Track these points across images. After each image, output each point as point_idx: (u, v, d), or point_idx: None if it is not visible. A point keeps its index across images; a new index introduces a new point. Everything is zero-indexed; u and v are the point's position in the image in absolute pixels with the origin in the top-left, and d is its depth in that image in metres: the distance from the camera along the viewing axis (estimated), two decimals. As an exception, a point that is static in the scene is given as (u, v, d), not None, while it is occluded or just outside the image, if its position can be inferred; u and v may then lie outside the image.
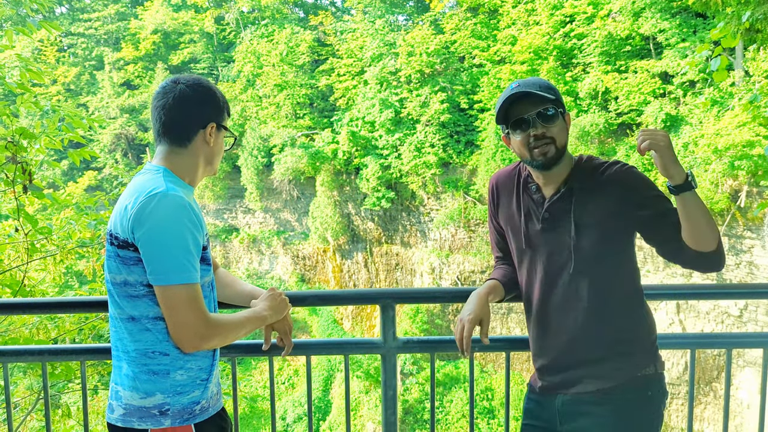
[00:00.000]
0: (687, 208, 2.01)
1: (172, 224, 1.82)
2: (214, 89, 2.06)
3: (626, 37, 23.32)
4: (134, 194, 1.86)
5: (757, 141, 18.29)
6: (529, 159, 2.08)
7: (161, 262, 1.82)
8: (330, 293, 2.37)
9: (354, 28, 31.25)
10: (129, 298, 1.88)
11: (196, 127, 2.00)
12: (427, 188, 27.45)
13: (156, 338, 1.89)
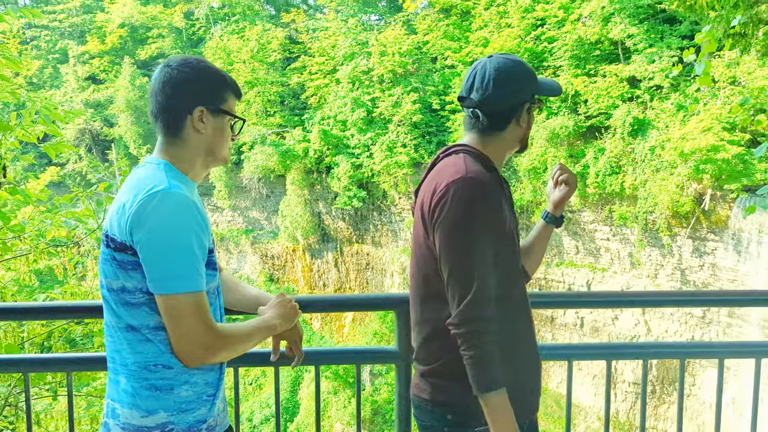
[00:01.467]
0: (546, 237, 2.22)
1: (175, 225, 1.64)
2: (205, 68, 1.82)
3: (596, 42, 23.64)
4: (133, 191, 1.67)
5: (721, 145, 18.71)
6: (524, 141, 2.03)
7: (163, 268, 1.63)
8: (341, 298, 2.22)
9: (326, 26, 31.07)
10: (127, 306, 1.69)
11: (183, 113, 1.78)
12: (399, 188, 27.44)
13: (158, 350, 1.70)
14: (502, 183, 1.97)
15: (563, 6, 24.78)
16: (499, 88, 1.90)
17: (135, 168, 1.83)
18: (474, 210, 1.78)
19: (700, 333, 20.86)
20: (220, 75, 1.84)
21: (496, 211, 1.83)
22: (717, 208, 20.30)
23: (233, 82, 1.87)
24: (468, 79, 2.00)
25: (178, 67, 1.79)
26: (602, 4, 22.29)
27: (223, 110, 1.83)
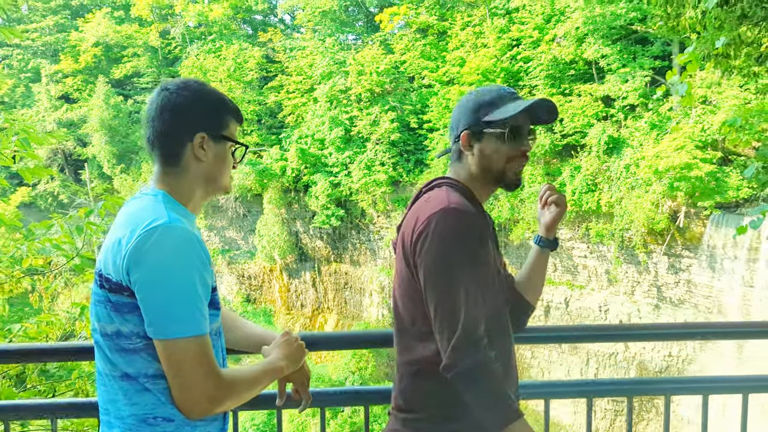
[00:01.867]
0: (544, 262, 2.12)
1: (176, 264, 1.48)
2: (207, 91, 1.69)
3: (570, 62, 24.03)
4: (129, 226, 1.52)
5: (694, 163, 19.05)
6: (501, 174, 1.83)
7: (163, 311, 1.48)
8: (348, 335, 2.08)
9: (303, 45, 31.14)
10: (123, 353, 1.53)
11: (183, 140, 1.65)
12: (377, 206, 27.42)
13: (157, 400, 1.53)
14: (486, 217, 1.88)
15: (538, 26, 25.19)
16: (450, 121, 1.90)
17: (130, 199, 1.69)
18: (457, 242, 1.70)
19: (677, 349, 21.04)
20: (221, 99, 1.72)
21: (479, 243, 1.74)
22: (691, 225, 20.61)
23: (234, 107, 1.76)
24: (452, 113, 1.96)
25: (177, 90, 1.66)
26: (576, 24, 22.69)
27: (224, 136, 1.71)
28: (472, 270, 1.70)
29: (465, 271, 1.68)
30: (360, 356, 25.12)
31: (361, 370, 25.10)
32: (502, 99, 1.83)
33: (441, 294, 1.69)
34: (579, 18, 22.50)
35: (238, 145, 1.76)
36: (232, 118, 1.74)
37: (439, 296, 1.69)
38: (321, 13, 30.52)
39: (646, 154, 20.55)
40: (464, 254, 1.69)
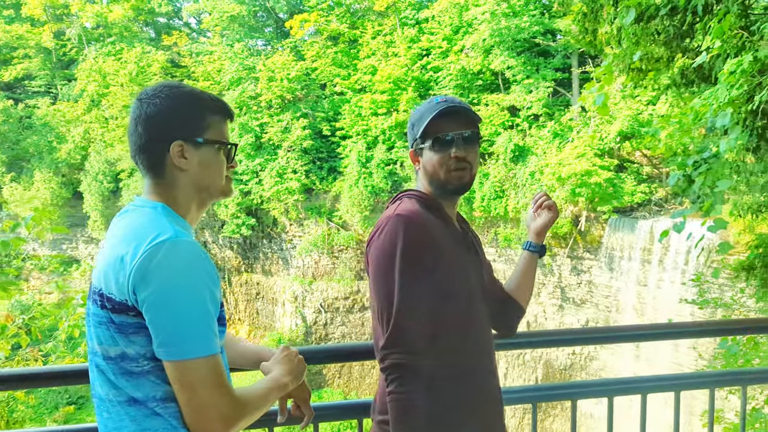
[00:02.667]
0: (533, 267, 2.20)
1: (186, 281, 1.39)
2: (180, 95, 1.57)
3: (478, 72, 24.82)
4: (132, 242, 1.42)
5: (594, 170, 20.16)
6: (442, 181, 1.87)
7: (174, 331, 1.38)
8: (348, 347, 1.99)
9: (211, 50, 30.35)
10: (129, 376, 1.43)
11: (161, 152, 1.55)
12: (290, 214, 27.10)
13: (168, 425, 1.43)
14: (447, 222, 1.91)
15: (447, 37, 25.84)
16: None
17: (122, 213, 1.58)
18: (398, 248, 1.74)
19: (579, 347, 22.03)
20: (196, 99, 1.60)
21: (424, 248, 1.77)
22: (591, 229, 21.77)
23: (219, 104, 1.63)
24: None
25: (148, 99, 1.56)
26: (483, 36, 23.47)
27: (207, 140, 1.59)
28: (411, 275, 1.73)
29: (403, 276, 1.72)
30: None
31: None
32: (429, 111, 1.89)
33: (379, 296, 1.75)
34: (486, 30, 23.29)
35: (224, 145, 1.63)
36: (214, 117, 1.62)
37: (378, 298, 1.75)
38: (229, 18, 29.87)
39: (550, 161, 21.55)
40: (404, 259, 1.73)
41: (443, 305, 1.80)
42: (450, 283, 1.83)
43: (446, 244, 1.85)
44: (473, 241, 2.01)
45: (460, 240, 1.94)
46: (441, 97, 1.92)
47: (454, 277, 1.85)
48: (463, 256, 1.92)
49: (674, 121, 4.26)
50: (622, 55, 4.71)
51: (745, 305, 7.32)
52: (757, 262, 3.81)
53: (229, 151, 1.64)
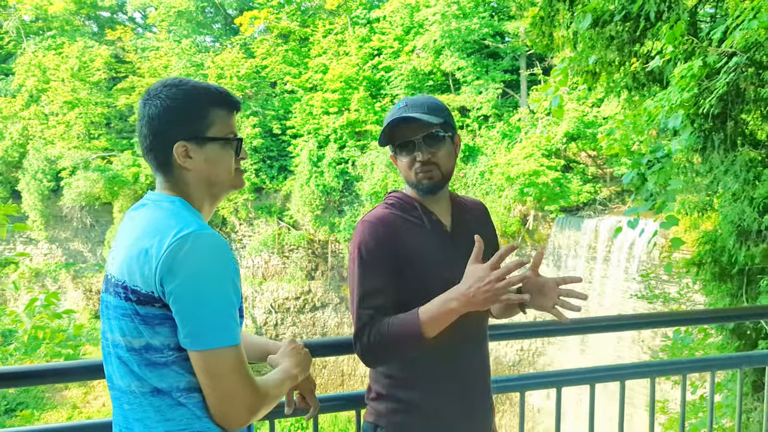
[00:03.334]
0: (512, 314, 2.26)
1: (213, 272, 1.43)
2: (181, 94, 1.56)
3: (429, 73, 25.07)
4: (156, 235, 1.44)
5: (541, 170, 20.67)
6: (414, 182, 1.95)
7: (202, 322, 1.42)
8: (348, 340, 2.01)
9: (157, 46, 29.63)
10: (153, 367, 1.45)
11: (166, 152, 1.56)
12: (240, 214, 26.75)
13: (193, 415, 1.46)
14: (424, 220, 1.98)
15: (398, 38, 25.99)
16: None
17: (137, 207, 1.59)
18: (360, 246, 1.86)
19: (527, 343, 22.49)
20: (199, 96, 1.58)
21: (383, 246, 1.87)
22: (539, 228, 22.30)
23: (220, 95, 1.61)
24: None
25: (150, 100, 1.56)
26: (434, 37, 23.72)
27: (211, 137, 1.58)
28: (370, 271, 1.85)
29: (362, 274, 1.84)
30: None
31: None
32: (388, 118, 1.95)
33: (350, 293, 1.88)
34: (436, 31, 23.55)
35: (229, 141, 1.63)
36: (218, 110, 1.60)
37: (350, 294, 1.89)
38: (176, 13, 29.23)
39: (499, 161, 21.96)
40: (361, 258, 1.85)
41: (410, 298, 1.86)
42: (417, 278, 1.89)
43: (415, 240, 1.92)
44: (467, 233, 2.02)
45: (443, 234, 1.99)
46: (403, 101, 1.97)
47: (426, 269, 1.91)
48: (442, 248, 1.97)
49: (628, 122, 4.44)
50: (577, 58, 4.87)
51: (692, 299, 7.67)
52: (706, 258, 4.02)
53: (237, 144, 1.64)
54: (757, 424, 4.02)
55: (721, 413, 4.53)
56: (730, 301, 4.05)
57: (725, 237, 4.16)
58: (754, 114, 4.23)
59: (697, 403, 5.96)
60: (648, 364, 2.44)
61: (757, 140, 4.37)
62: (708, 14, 4.63)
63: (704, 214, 5.20)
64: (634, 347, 18.49)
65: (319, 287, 26.31)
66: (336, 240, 25.68)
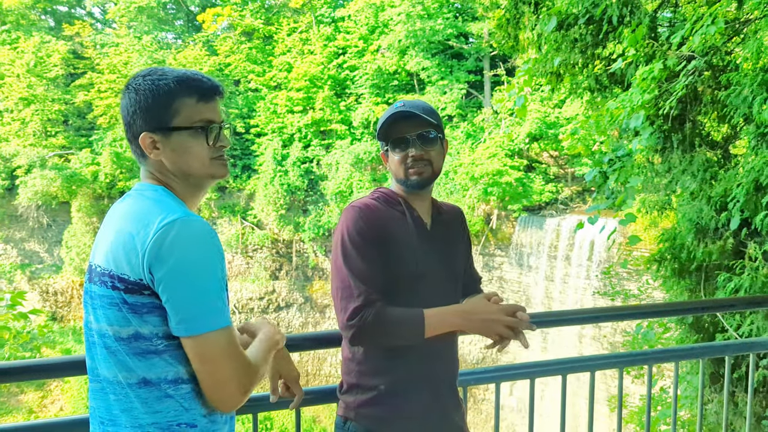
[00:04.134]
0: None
1: (201, 256, 1.43)
2: (148, 83, 1.53)
3: (394, 72, 25.16)
4: (141, 222, 1.43)
5: (504, 170, 20.95)
6: (403, 178, 2.03)
7: (193, 307, 1.42)
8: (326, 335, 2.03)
9: (117, 42, 29.00)
10: (142, 356, 1.44)
11: (137, 142, 1.55)
12: (203, 213, 26.40)
13: (180, 407, 1.46)
14: (406, 215, 2.05)
15: (363, 37, 26.01)
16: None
17: (123, 198, 1.57)
18: (348, 232, 1.91)
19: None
20: (165, 85, 1.54)
21: (369, 230, 1.93)
22: (502, 227, 22.59)
23: (191, 84, 1.56)
24: None
25: (124, 91, 1.56)
26: (399, 37, 23.81)
27: (175, 127, 1.54)
28: (361, 253, 1.90)
29: (357, 253, 1.89)
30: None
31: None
32: (385, 115, 2.04)
33: (337, 275, 1.91)
34: (401, 31, 23.65)
35: (196, 129, 1.56)
36: (185, 99, 1.55)
37: (335, 277, 1.92)
38: (137, 9, 28.69)
39: (463, 161, 22.17)
40: (354, 241, 1.90)
41: (398, 288, 1.94)
42: (402, 267, 1.96)
43: (397, 231, 1.99)
44: (445, 234, 2.12)
45: (422, 231, 2.06)
46: (400, 102, 2.05)
47: (407, 262, 1.98)
48: (420, 244, 2.02)
49: (591, 122, 4.56)
50: (542, 60, 4.97)
51: (652, 296, 7.88)
52: (665, 255, 4.15)
53: (207, 131, 1.58)
54: (714, 415, 4.17)
55: (679, 405, 4.68)
56: (689, 297, 4.19)
57: (684, 235, 4.31)
58: (711, 116, 4.38)
59: (655, 396, 6.14)
60: (616, 355, 2.53)
61: (713, 141, 4.53)
62: (666, 18, 4.78)
63: (663, 212, 5.36)
64: (594, 344, 18.89)
65: (284, 287, 26.16)
66: (300, 239, 25.56)
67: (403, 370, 1.97)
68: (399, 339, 1.91)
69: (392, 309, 1.88)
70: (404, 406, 1.97)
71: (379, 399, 1.95)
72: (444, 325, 1.91)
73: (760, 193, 3.59)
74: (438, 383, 2.04)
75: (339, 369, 25.74)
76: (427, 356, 2.01)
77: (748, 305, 2.90)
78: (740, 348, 2.83)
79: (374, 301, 1.86)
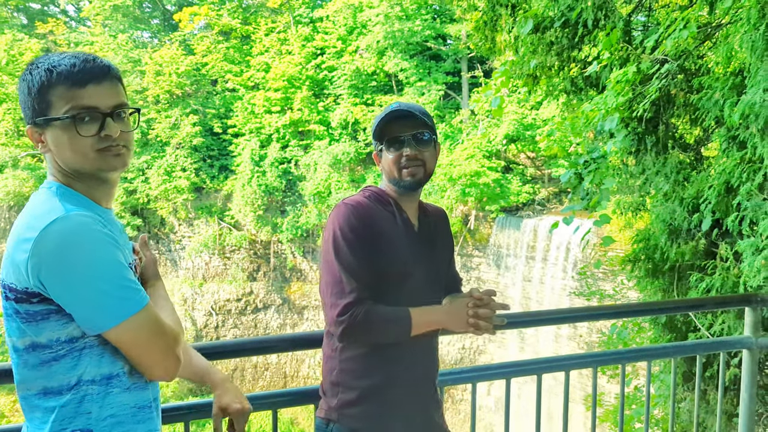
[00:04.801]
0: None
1: (85, 251, 1.33)
2: (27, 74, 1.43)
3: (372, 73, 25.16)
4: (26, 226, 1.35)
5: (482, 171, 21.06)
6: (397, 179, 2.04)
7: (94, 303, 1.34)
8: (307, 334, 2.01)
9: (92, 41, 28.61)
10: (42, 366, 1.37)
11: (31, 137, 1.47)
12: (179, 214, 26.14)
13: (75, 412, 1.39)
14: (396, 215, 2.06)
15: (341, 37, 25.97)
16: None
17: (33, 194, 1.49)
18: (339, 224, 1.92)
19: (469, 341, 22.89)
20: (37, 74, 1.42)
21: (360, 227, 1.94)
22: (480, 228, 22.71)
23: (62, 69, 1.41)
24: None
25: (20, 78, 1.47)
26: (377, 38, 23.82)
27: (50, 119, 1.42)
28: (354, 250, 1.91)
29: (345, 252, 1.90)
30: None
31: (161, 388, 23.70)
32: (381, 117, 2.06)
33: (328, 270, 1.92)
34: (380, 32, 23.67)
35: (66, 118, 1.42)
36: (58, 87, 1.41)
37: (326, 272, 1.93)
38: (112, 7, 28.32)
39: (441, 162, 22.21)
40: (347, 237, 1.91)
41: (385, 286, 1.96)
42: (391, 266, 1.99)
43: (387, 231, 2.00)
44: (431, 235, 2.14)
45: (410, 231, 2.08)
46: (396, 103, 2.07)
47: (395, 261, 2.00)
48: (410, 244, 2.05)
49: (567, 123, 4.61)
50: (518, 62, 5.01)
51: (626, 296, 8.00)
52: (640, 255, 4.21)
53: (78, 121, 1.42)
54: (687, 413, 4.24)
55: (653, 404, 4.75)
56: (662, 296, 4.25)
57: (657, 235, 4.37)
58: (683, 119, 4.45)
59: (630, 394, 6.22)
60: (591, 355, 2.56)
61: (686, 143, 4.61)
62: (640, 22, 4.85)
63: (637, 213, 5.44)
64: (570, 343, 19.08)
65: (261, 288, 26.00)
66: (278, 240, 25.44)
67: (387, 369, 1.98)
68: (386, 337, 1.94)
69: (381, 307, 1.90)
70: (388, 405, 1.98)
71: (363, 398, 1.95)
72: (428, 324, 1.96)
73: (731, 195, 3.66)
74: (420, 382, 2.06)
75: (317, 370, 25.61)
76: (410, 355, 2.02)
77: (719, 305, 2.96)
78: (711, 347, 2.89)
79: (365, 298, 1.87)
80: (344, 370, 1.98)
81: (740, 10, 3.41)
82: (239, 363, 25.64)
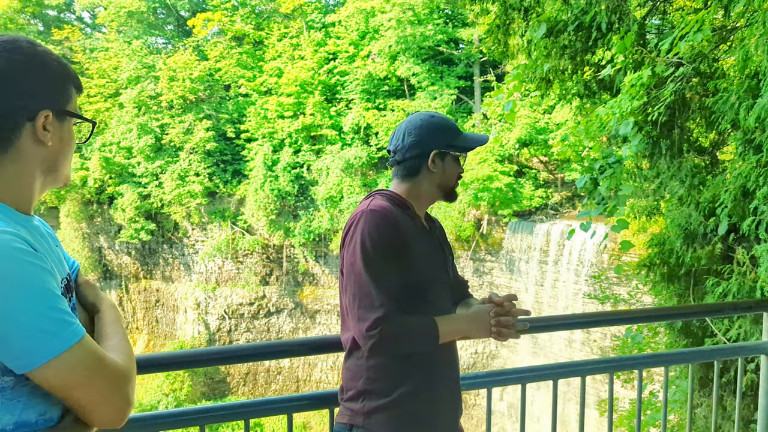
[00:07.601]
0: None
1: (6, 280, 1.09)
2: (43, 53, 1.26)
3: (384, 78, 25.21)
4: None
5: (495, 176, 21.01)
6: (450, 188, 2.13)
7: (20, 339, 1.10)
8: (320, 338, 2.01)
9: (107, 47, 28.91)
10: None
11: (17, 119, 1.22)
12: (192, 219, 26.29)
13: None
14: (414, 220, 2.07)
15: (353, 42, 26.04)
16: (408, 138, 2.09)
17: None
18: (370, 231, 1.89)
19: (482, 346, 22.79)
20: (61, 62, 1.30)
21: (393, 238, 1.92)
22: (493, 232, 22.64)
23: (73, 72, 1.34)
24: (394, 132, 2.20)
25: (6, 53, 1.21)
26: (389, 43, 23.86)
27: (69, 112, 1.31)
28: (384, 261, 1.89)
29: (375, 264, 1.87)
30: (174, 377, 23.82)
31: (175, 392, 23.83)
32: (457, 128, 2.15)
33: (355, 281, 1.88)
34: (392, 37, 23.71)
35: (83, 121, 1.36)
36: (73, 87, 1.34)
37: (354, 283, 1.88)
38: (127, 14, 28.60)
39: (454, 166, 22.16)
40: (377, 247, 1.88)
41: (409, 294, 1.94)
42: (416, 274, 1.98)
43: (413, 238, 2.00)
44: (440, 239, 2.17)
45: (427, 236, 2.09)
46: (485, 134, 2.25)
47: (420, 269, 2.00)
48: (430, 250, 2.07)
49: (581, 128, 4.59)
50: (531, 65, 5.01)
51: (641, 300, 7.93)
52: (655, 260, 4.18)
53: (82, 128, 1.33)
54: (703, 419, 4.20)
55: (669, 409, 4.70)
56: (678, 301, 4.22)
57: (672, 240, 4.34)
58: (698, 122, 4.42)
59: (645, 400, 6.17)
60: (607, 360, 2.54)
61: (701, 147, 4.57)
62: (655, 25, 4.83)
63: (652, 218, 5.40)
64: (584, 348, 18.96)
65: (274, 292, 26.08)
66: (291, 245, 25.51)
67: (418, 376, 1.98)
68: (415, 347, 1.95)
69: (408, 318, 1.90)
70: (420, 411, 1.98)
71: (394, 405, 1.94)
72: (453, 333, 1.98)
73: (747, 199, 3.63)
74: (448, 387, 2.07)
75: (330, 375, 25.57)
76: (438, 361, 2.03)
77: (736, 310, 2.93)
78: (728, 352, 2.86)
79: (394, 311, 1.85)
80: (371, 378, 1.96)
81: (756, 12, 3.39)
82: (252, 367, 25.71)
